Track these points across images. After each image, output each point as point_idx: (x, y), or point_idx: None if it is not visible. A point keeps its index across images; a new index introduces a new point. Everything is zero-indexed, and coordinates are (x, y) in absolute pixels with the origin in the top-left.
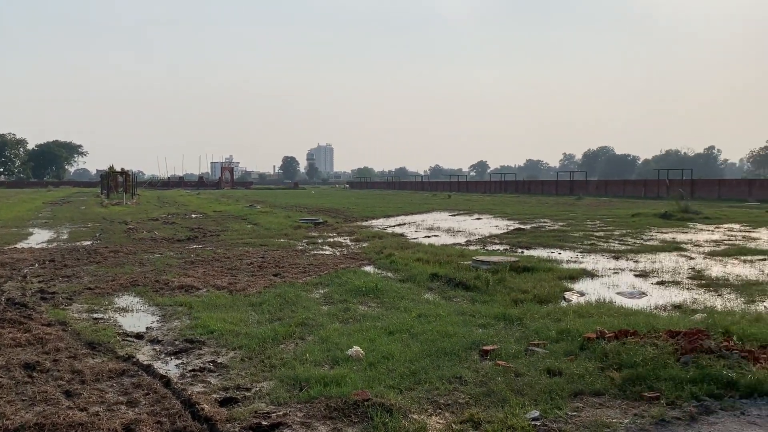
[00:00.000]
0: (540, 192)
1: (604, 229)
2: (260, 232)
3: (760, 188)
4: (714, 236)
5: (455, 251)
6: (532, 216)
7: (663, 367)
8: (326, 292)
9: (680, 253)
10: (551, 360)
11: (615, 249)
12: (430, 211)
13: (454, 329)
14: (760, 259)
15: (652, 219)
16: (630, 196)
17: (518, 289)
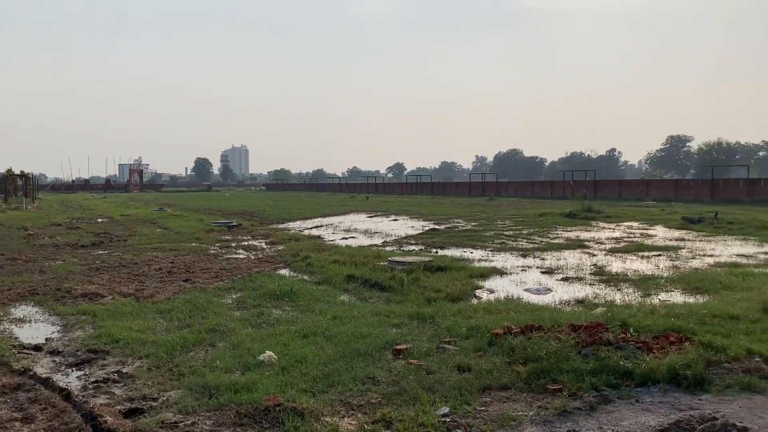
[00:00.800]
0: (454, 193)
1: (513, 229)
2: (170, 237)
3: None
4: (615, 234)
5: (372, 252)
6: (446, 216)
7: (565, 359)
8: (239, 296)
9: (583, 251)
10: (461, 356)
11: (523, 247)
12: (347, 212)
13: (368, 330)
14: (655, 254)
15: (558, 218)
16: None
17: (432, 288)
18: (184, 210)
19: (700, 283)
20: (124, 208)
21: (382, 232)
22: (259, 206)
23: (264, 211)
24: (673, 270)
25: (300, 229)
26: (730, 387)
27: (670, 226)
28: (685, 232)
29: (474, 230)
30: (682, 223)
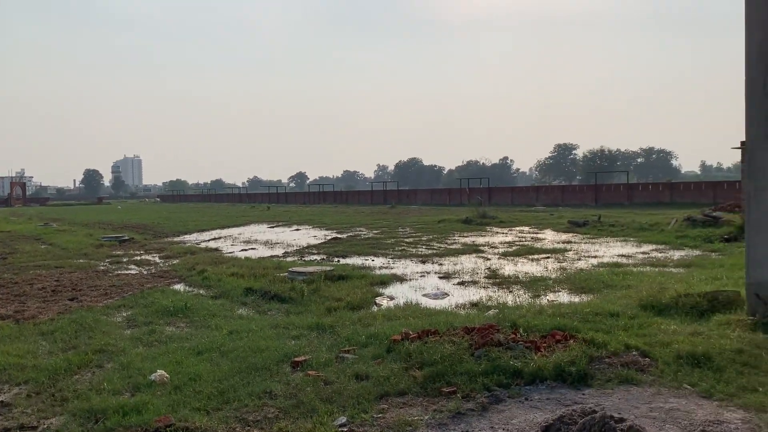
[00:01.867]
0: (357, 202)
1: (413, 236)
2: (56, 253)
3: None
4: (507, 238)
5: (272, 264)
6: (349, 225)
7: (459, 362)
8: (130, 314)
9: (479, 255)
10: (360, 365)
11: (422, 253)
12: (248, 223)
13: (266, 343)
14: (544, 257)
15: (456, 224)
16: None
17: (332, 297)
18: (71, 225)
19: (584, 283)
20: (4, 224)
21: (283, 242)
22: (153, 219)
23: (158, 223)
24: (560, 271)
25: (197, 242)
26: (610, 381)
27: (558, 230)
28: (571, 235)
29: (376, 238)
30: (568, 226)
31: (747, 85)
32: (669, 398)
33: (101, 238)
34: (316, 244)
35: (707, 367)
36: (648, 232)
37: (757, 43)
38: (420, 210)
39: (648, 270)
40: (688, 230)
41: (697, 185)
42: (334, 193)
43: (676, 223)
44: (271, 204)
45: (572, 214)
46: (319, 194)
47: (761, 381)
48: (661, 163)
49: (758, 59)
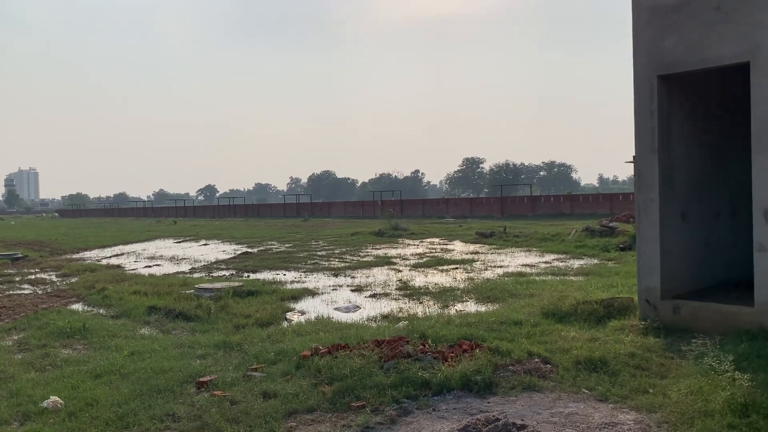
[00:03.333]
0: (269, 215)
1: (326, 249)
2: None
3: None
4: (419, 249)
5: (178, 280)
6: (260, 239)
7: (369, 375)
8: (21, 337)
9: (390, 267)
10: (268, 383)
11: (335, 267)
12: (153, 238)
13: (170, 364)
14: (453, 267)
15: (369, 237)
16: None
17: (241, 314)
18: None
19: (490, 292)
20: None
21: (190, 258)
22: (50, 235)
23: (56, 240)
24: (468, 281)
25: (97, 259)
26: (514, 388)
27: (467, 241)
28: (479, 245)
29: (288, 252)
30: (476, 237)
31: (635, 103)
32: (568, 403)
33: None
34: (226, 259)
35: (603, 372)
36: (550, 242)
37: (643, 65)
38: (333, 223)
39: (550, 279)
40: (586, 240)
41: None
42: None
43: (576, 234)
44: (178, 218)
45: (480, 226)
46: (229, 207)
47: (651, 383)
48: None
49: (644, 80)
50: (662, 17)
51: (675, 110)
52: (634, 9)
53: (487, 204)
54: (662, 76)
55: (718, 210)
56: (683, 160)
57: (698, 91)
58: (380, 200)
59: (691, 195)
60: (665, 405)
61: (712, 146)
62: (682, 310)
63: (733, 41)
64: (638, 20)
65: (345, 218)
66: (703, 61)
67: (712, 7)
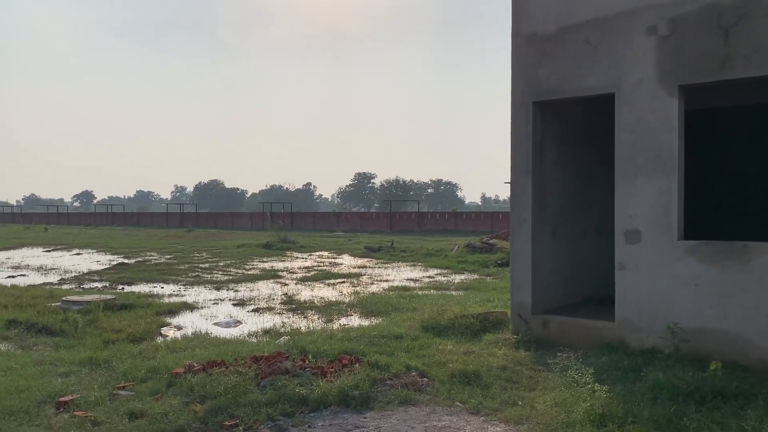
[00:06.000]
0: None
1: (210, 261)
2: None
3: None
4: (307, 263)
5: (44, 292)
6: (138, 249)
7: (244, 393)
8: None
9: (277, 281)
10: (135, 402)
11: (218, 280)
12: (20, 246)
13: (27, 383)
14: (341, 281)
15: (256, 249)
16: (238, 227)
17: (111, 329)
18: None
19: (375, 306)
20: None
21: (60, 268)
22: None
23: None
24: (353, 295)
25: None
26: (391, 402)
27: (355, 255)
28: (367, 260)
29: (168, 263)
30: (364, 251)
31: (512, 127)
32: (442, 416)
33: None
34: (99, 270)
35: (477, 384)
36: (434, 258)
37: (520, 90)
38: (220, 234)
39: (432, 293)
40: (468, 256)
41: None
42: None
43: (458, 250)
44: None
45: (369, 240)
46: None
47: (521, 395)
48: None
49: (521, 105)
50: (539, 46)
51: (548, 135)
52: (514, 36)
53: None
54: (537, 102)
55: (586, 230)
56: (554, 182)
57: (570, 118)
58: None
59: (561, 215)
60: (532, 417)
61: (581, 170)
62: (551, 324)
63: (600, 73)
64: (516, 48)
65: (232, 230)
66: (575, 90)
67: (583, 39)
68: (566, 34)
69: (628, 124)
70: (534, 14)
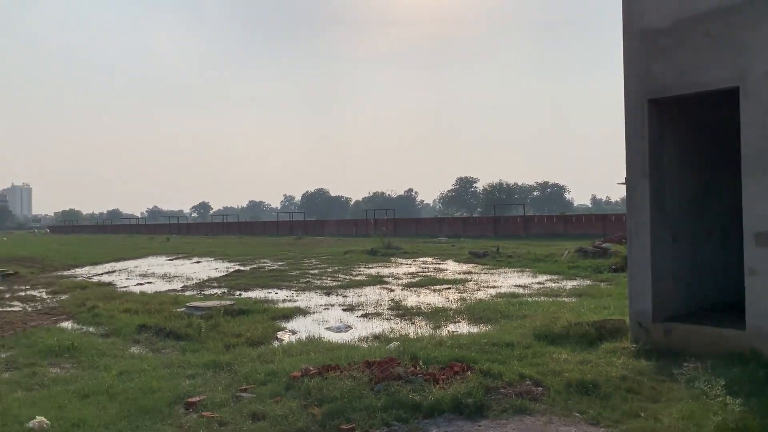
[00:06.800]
0: (262, 232)
1: (319, 267)
2: None
3: (448, 225)
4: (411, 269)
5: (169, 298)
6: (252, 257)
7: (359, 397)
8: (9, 356)
9: (383, 286)
10: (257, 404)
11: (327, 285)
12: (145, 256)
13: (159, 384)
14: (446, 287)
15: (361, 255)
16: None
17: (232, 333)
18: None
19: (483, 313)
20: None
21: (182, 275)
22: (41, 251)
23: (47, 256)
24: (460, 302)
25: (89, 276)
26: (505, 411)
27: (460, 261)
28: (472, 265)
29: (280, 270)
30: (469, 257)
31: (626, 127)
32: (560, 426)
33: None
34: (218, 277)
35: (595, 395)
36: (543, 263)
37: (634, 89)
38: (326, 241)
39: (542, 300)
40: (579, 261)
41: (588, 218)
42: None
43: (569, 255)
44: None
45: (473, 245)
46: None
47: (643, 406)
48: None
49: (635, 104)
50: (653, 41)
51: (666, 134)
52: (625, 33)
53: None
54: (653, 100)
55: (710, 232)
56: (674, 183)
57: (689, 115)
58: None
59: (682, 217)
60: (657, 429)
61: (703, 169)
62: (674, 333)
63: (722, 66)
64: (629, 44)
65: (338, 237)
66: (693, 86)
67: (702, 32)
68: (683, 27)
69: (755, 119)
70: (647, 9)
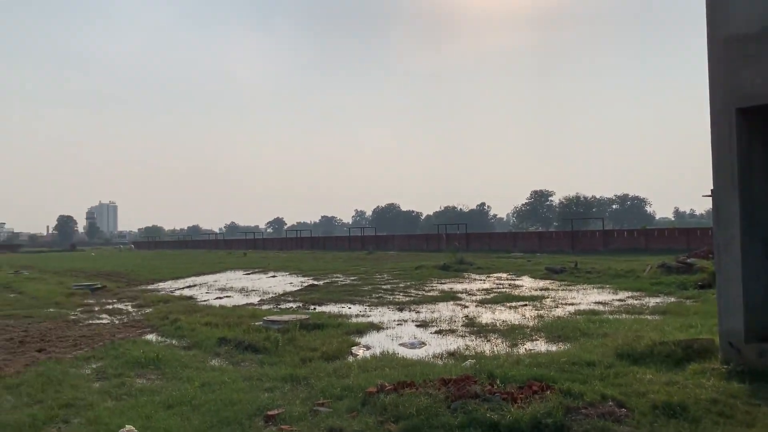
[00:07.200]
0: (334, 247)
1: (391, 282)
2: (25, 302)
3: (522, 240)
4: (485, 285)
5: (247, 312)
6: (326, 272)
7: (435, 415)
8: (99, 366)
9: (456, 302)
10: (334, 419)
11: (400, 301)
12: (224, 270)
13: (239, 396)
14: (522, 304)
15: (433, 270)
16: (415, 249)
17: (307, 347)
18: (43, 272)
19: (561, 331)
20: None
21: (259, 289)
22: (127, 266)
23: (132, 271)
24: (537, 319)
25: (171, 290)
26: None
27: (536, 277)
28: (549, 281)
29: (353, 285)
30: (545, 273)
31: (713, 137)
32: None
33: (73, 286)
34: (293, 291)
35: (683, 418)
36: (624, 279)
37: (720, 97)
38: (398, 256)
39: (624, 317)
40: (662, 277)
41: (671, 232)
42: (311, 238)
43: (651, 270)
44: (247, 250)
45: (549, 261)
46: (296, 240)
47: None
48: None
49: (722, 113)
50: (740, 48)
51: (757, 143)
52: (710, 40)
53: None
54: (741, 108)
55: None
56: (765, 194)
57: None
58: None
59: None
60: None
61: None
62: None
63: None
64: (714, 51)
65: (409, 251)
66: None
67: None
68: None
69: None
70: (734, 15)
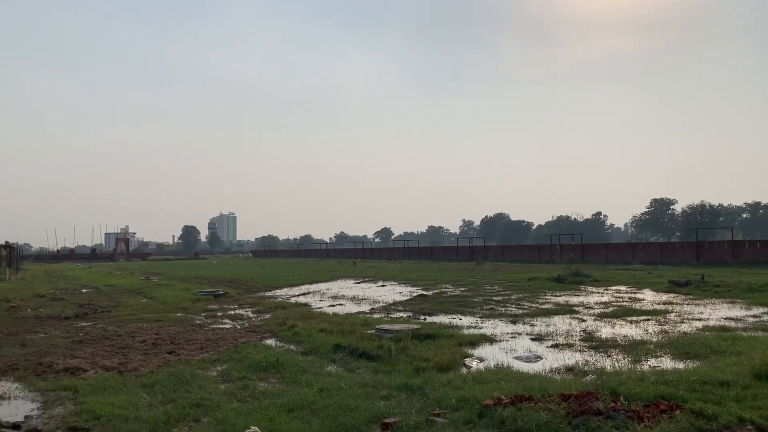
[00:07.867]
0: (442, 258)
1: (502, 294)
2: (156, 307)
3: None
4: (603, 298)
5: (359, 320)
6: (434, 282)
7: (556, 431)
8: (224, 369)
9: (573, 316)
10: (451, 430)
11: (512, 313)
12: (335, 279)
13: (356, 402)
14: (644, 319)
15: (547, 283)
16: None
17: (420, 357)
18: (170, 279)
19: (689, 348)
20: (109, 278)
21: (369, 298)
22: (245, 274)
23: (251, 278)
24: (662, 335)
25: (287, 297)
26: None
27: (658, 290)
28: (672, 295)
29: (462, 296)
30: (669, 286)
31: None
32: None
33: (197, 292)
34: (402, 300)
35: None
36: (758, 294)
37: None
38: (508, 267)
39: (760, 335)
40: None
41: None
42: (418, 248)
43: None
44: (357, 259)
45: (673, 273)
46: (403, 250)
47: None
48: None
49: None
50: None
51: None
52: None
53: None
54: None
55: None
56: None
57: None
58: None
59: None
60: None
61: None
62: None
63: None
64: None
65: (520, 262)
66: None
67: None
68: None
69: None
70: None
